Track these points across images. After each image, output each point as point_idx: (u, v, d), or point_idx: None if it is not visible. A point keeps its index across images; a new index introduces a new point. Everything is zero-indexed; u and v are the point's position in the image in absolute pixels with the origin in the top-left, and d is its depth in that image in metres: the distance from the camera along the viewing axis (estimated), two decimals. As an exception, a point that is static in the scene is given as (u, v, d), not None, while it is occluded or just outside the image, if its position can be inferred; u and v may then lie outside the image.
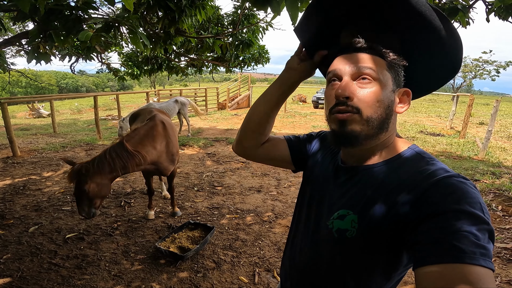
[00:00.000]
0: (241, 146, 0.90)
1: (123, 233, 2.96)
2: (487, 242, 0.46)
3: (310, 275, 0.74)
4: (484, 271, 0.43)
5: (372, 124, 0.62)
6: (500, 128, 10.47)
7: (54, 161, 5.32)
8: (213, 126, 9.60)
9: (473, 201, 0.50)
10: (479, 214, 0.48)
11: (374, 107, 0.61)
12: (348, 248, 0.64)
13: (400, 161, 0.64)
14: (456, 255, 0.44)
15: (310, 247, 0.74)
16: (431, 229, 0.49)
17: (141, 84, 44.87)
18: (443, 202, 0.51)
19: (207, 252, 2.62)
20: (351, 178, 0.69)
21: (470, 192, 0.51)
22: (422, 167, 0.59)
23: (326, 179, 0.76)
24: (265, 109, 0.82)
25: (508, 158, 6.23)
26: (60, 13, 2.18)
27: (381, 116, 0.62)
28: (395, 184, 0.60)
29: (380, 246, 0.60)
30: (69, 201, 3.67)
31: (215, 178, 4.58)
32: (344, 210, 0.66)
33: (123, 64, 6.07)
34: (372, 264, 0.63)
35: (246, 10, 4.08)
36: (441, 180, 0.54)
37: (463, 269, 0.43)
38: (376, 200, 0.61)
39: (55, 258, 2.54)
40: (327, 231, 0.68)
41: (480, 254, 0.44)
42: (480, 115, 14.53)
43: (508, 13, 1.80)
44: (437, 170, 0.57)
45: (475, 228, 0.46)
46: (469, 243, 0.45)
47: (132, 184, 4.28)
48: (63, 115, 14.85)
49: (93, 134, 7.80)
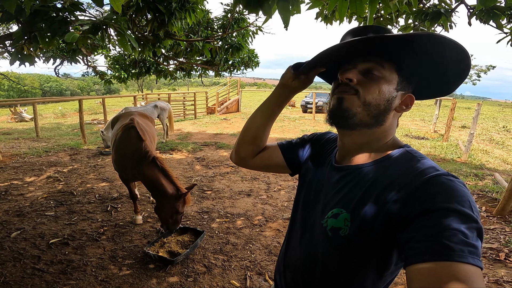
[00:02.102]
0: (239, 156, 0.94)
1: (110, 238, 2.89)
2: (475, 240, 0.47)
3: (305, 273, 0.74)
4: (473, 269, 0.44)
5: (368, 109, 0.65)
6: (482, 131, 10.85)
7: (37, 166, 5.16)
8: (202, 130, 9.54)
9: (462, 199, 0.51)
10: (468, 212, 0.49)
11: (373, 93, 0.64)
12: (341, 246, 0.65)
13: (392, 160, 0.66)
14: (445, 253, 0.45)
15: (305, 245, 0.75)
16: (421, 227, 0.50)
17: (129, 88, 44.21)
18: (433, 200, 0.52)
19: (197, 256, 2.59)
20: (344, 177, 0.70)
21: (459, 191, 0.52)
22: (413, 165, 0.61)
23: (321, 179, 0.77)
24: (261, 121, 0.88)
25: (490, 160, 6.46)
26: (46, 14, 2.13)
27: (379, 105, 0.65)
28: (386, 183, 0.61)
29: (373, 244, 0.61)
30: (53, 206, 3.56)
31: (205, 183, 4.54)
32: (338, 209, 0.67)
33: (110, 67, 5.98)
34: (365, 262, 0.64)
35: (236, 14, 4.10)
36: (431, 178, 0.55)
37: (452, 267, 0.44)
38: (368, 199, 0.62)
39: (38, 263, 2.46)
40: (322, 229, 0.69)
41: (469, 252, 0.45)
42: (462, 118, 15.00)
43: (489, 17, 1.87)
44: (427, 169, 0.58)
45: (464, 226, 0.47)
46: (458, 241, 0.46)
47: (119, 189, 4.19)
48: (47, 119, 14.45)
49: (78, 139, 7.61)
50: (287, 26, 1.45)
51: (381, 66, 0.66)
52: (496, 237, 2.86)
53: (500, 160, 6.63)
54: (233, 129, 9.60)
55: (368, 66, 0.66)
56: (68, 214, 3.39)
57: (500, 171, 5.49)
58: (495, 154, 7.18)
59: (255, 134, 0.89)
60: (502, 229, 3.01)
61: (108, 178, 4.64)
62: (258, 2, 1.31)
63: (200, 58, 5.29)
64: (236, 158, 0.95)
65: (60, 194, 3.96)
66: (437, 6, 2.03)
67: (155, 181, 2.51)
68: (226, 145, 7.07)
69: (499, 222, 3.16)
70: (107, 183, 4.45)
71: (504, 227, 3.03)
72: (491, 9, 1.83)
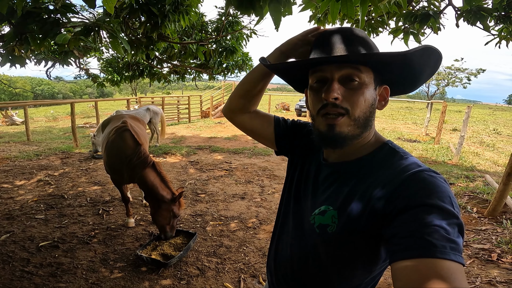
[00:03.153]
0: (229, 108, 0.94)
1: (101, 241, 2.85)
2: (456, 236, 0.47)
3: (295, 270, 0.75)
4: (455, 265, 0.44)
5: (358, 123, 0.64)
6: (472, 134, 11.03)
7: (27, 169, 5.08)
8: (196, 134, 9.51)
9: (443, 195, 0.51)
10: (449, 208, 0.49)
11: (361, 106, 0.63)
12: (329, 243, 0.66)
13: (376, 157, 0.66)
14: (427, 249, 0.45)
15: (295, 242, 0.75)
16: (404, 223, 0.50)
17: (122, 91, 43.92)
18: (415, 196, 0.52)
19: (191, 259, 2.57)
20: (331, 175, 0.71)
21: (440, 186, 0.53)
22: (396, 162, 0.62)
23: (309, 176, 0.78)
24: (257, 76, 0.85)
25: (480, 162, 6.56)
26: (38, 16, 2.12)
27: (366, 115, 0.64)
28: (371, 179, 0.62)
29: (360, 241, 0.62)
30: (43, 210, 3.50)
31: (198, 186, 4.52)
32: (325, 206, 0.67)
33: (103, 70, 5.93)
34: (353, 258, 0.64)
35: (230, 17, 4.12)
36: (413, 174, 0.56)
37: (434, 263, 0.44)
38: (354, 196, 0.62)
39: (28, 266, 2.42)
40: (310, 226, 0.69)
41: (451, 248, 0.45)
42: (453, 121, 15.24)
43: (476, 18, 1.91)
44: (409, 165, 0.59)
45: (446, 222, 0.48)
46: (440, 237, 0.46)
47: (111, 193, 4.15)
48: (38, 122, 14.24)
49: (69, 142, 7.52)
50: (277, 27, 1.46)
51: (358, 70, 0.62)
52: (488, 238, 2.90)
53: (490, 162, 6.74)
54: (227, 133, 9.59)
55: (345, 73, 0.62)
56: (58, 217, 3.33)
57: (490, 172, 5.58)
58: (485, 156, 7.30)
59: (247, 88, 0.88)
60: (494, 229, 3.05)
61: (100, 182, 4.58)
62: (250, 3, 1.32)
63: (194, 61, 5.30)
64: (226, 109, 0.95)
65: (51, 198, 3.89)
66: (425, 8, 2.07)
67: (152, 185, 2.51)
68: (220, 148, 7.06)
69: (491, 223, 3.20)
70: (99, 186, 4.40)
71: (495, 228, 3.07)
72: (478, 10, 1.87)
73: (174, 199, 2.49)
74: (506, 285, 2.14)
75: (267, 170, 5.36)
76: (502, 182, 3.23)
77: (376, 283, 0.73)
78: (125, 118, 3.23)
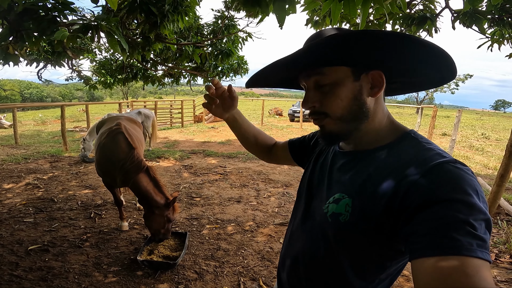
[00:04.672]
0: (259, 157, 1.12)
1: (93, 244, 2.77)
2: (483, 233, 0.45)
3: (306, 263, 0.71)
4: (481, 263, 0.42)
5: (346, 120, 0.63)
6: (461, 139, 11.27)
7: (15, 173, 4.93)
8: (190, 138, 9.44)
9: (469, 189, 0.48)
10: (476, 202, 0.46)
11: (339, 106, 0.63)
12: (341, 232, 0.63)
13: (397, 146, 0.63)
14: (452, 246, 0.43)
15: (307, 232, 0.73)
16: (427, 219, 0.47)
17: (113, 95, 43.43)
18: (439, 190, 0.49)
19: (188, 262, 2.51)
20: (348, 163, 0.69)
21: (466, 179, 0.49)
22: (418, 152, 0.58)
23: (324, 166, 0.76)
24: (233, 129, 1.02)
25: (471, 166, 6.69)
26: (36, 13, 2.07)
27: (351, 110, 0.63)
28: (390, 169, 0.58)
29: (373, 232, 0.58)
30: (32, 213, 3.39)
31: (193, 190, 4.46)
32: (340, 194, 0.65)
33: (96, 72, 5.85)
34: (365, 249, 0.61)
35: (226, 20, 4.13)
36: (437, 166, 0.52)
37: (460, 261, 0.42)
38: (371, 185, 0.59)
39: (16, 270, 2.33)
40: (322, 215, 0.67)
41: (477, 245, 0.43)
42: (442, 126, 15.55)
43: (472, 21, 1.95)
44: (433, 156, 0.55)
45: (472, 218, 0.45)
46: (466, 234, 0.43)
47: (103, 196, 4.05)
48: (26, 126, 13.91)
49: (59, 146, 7.35)
50: (282, 25, 1.46)
51: (321, 74, 0.63)
52: (483, 239, 2.94)
53: (481, 165, 6.88)
54: (220, 137, 9.54)
55: (314, 80, 0.65)
56: (48, 220, 3.23)
57: (482, 175, 5.69)
58: (475, 160, 7.45)
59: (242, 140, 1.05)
60: (488, 231, 3.10)
61: (92, 185, 4.48)
62: (256, 1, 1.32)
63: (189, 64, 5.28)
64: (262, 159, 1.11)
65: (40, 201, 3.78)
66: (423, 11, 2.11)
67: (146, 191, 2.45)
68: (214, 153, 7.01)
69: (484, 224, 3.25)
70: (90, 190, 4.29)
71: (489, 229, 3.13)
72: (474, 13, 1.91)
73: (168, 204, 2.43)
74: (508, 284, 2.16)
75: (262, 174, 5.34)
76: (496, 183, 3.29)
77: (393, 281, 0.69)
78: (120, 120, 3.15)
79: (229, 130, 11.20)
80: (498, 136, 12.73)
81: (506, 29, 2.36)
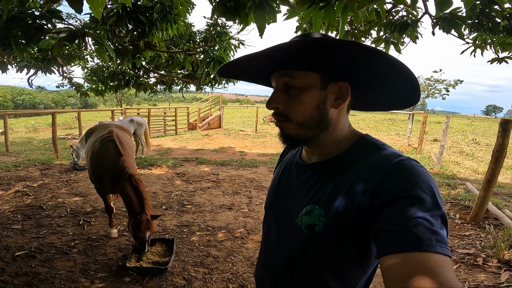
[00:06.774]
0: None
1: (81, 251, 2.74)
2: (440, 228, 0.47)
3: (284, 274, 0.72)
4: (442, 258, 0.44)
5: (306, 127, 0.65)
6: (452, 144, 11.41)
7: (5, 180, 4.86)
8: (183, 146, 9.41)
9: (424, 185, 0.51)
10: (431, 199, 0.49)
11: (301, 112, 0.64)
12: (318, 242, 0.64)
13: (356, 151, 0.66)
14: (413, 243, 0.45)
15: (282, 246, 0.73)
16: (388, 216, 0.50)
17: (107, 102, 43.17)
18: (397, 188, 0.52)
19: (177, 269, 2.49)
20: (314, 175, 0.70)
21: (421, 176, 0.53)
22: (376, 154, 0.62)
23: (290, 179, 0.77)
24: None
25: (461, 171, 6.77)
26: (23, 21, 2.08)
27: (313, 117, 0.64)
28: (354, 174, 0.61)
29: (349, 238, 0.60)
30: (20, 220, 3.36)
31: (185, 197, 4.44)
32: (311, 206, 0.66)
33: (87, 79, 5.82)
34: (344, 256, 0.63)
35: (218, 28, 4.17)
36: (394, 165, 0.56)
37: (421, 257, 0.44)
38: (339, 192, 0.61)
39: (2, 275, 2.32)
40: (296, 228, 0.68)
41: (436, 240, 0.45)
42: (433, 132, 15.74)
43: (450, 26, 2.00)
44: (390, 156, 0.59)
45: (429, 214, 0.47)
46: (425, 229, 0.45)
47: (93, 204, 4.01)
48: (17, 133, 13.73)
49: (50, 153, 7.27)
50: (262, 34, 1.50)
51: (292, 77, 0.64)
52: (472, 243, 2.95)
53: (470, 170, 6.97)
54: (214, 145, 9.53)
55: (283, 81, 0.65)
56: (36, 227, 3.19)
57: (471, 180, 5.76)
58: (465, 165, 7.54)
59: None
60: (477, 235, 3.12)
61: (82, 193, 4.43)
62: (235, 10, 1.35)
63: (181, 71, 5.29)
64: None
65: (29, 208, 3.73)
66: (404, 18, 2.16)
67: (127, 198, 2.47)
68: (207, 160, 6.99)
69: (474, 229, 3.27)
70: (80, 197, 4.25)
71: (479, 233, 3.15)
72: (452, 18, 1.96)
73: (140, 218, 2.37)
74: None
75: (255, 182, 5.33)
76: (483, 188, 3.34)
77: (371, 280, 0.71)
78: (111, 127, 3.17)
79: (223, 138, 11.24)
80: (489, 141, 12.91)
81: (486, 33, 2.40)
